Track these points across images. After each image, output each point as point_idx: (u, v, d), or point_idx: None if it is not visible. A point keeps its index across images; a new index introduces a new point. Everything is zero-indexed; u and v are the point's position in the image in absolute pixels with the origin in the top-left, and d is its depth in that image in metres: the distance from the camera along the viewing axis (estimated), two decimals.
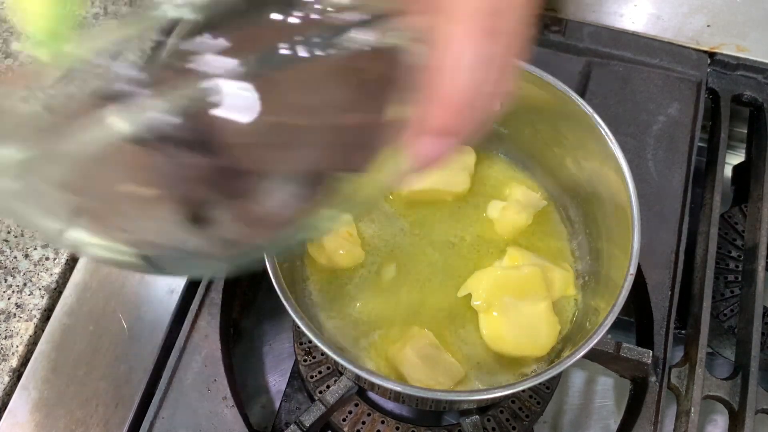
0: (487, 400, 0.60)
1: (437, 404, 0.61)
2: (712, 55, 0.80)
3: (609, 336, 0.71)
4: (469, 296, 0.61)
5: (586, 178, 0.63)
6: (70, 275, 0.67)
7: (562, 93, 0.59)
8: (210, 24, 0.35)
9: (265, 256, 0.53)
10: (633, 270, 0.54)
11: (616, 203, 0.58)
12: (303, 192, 0.37)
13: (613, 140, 0.57)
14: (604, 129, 0.58)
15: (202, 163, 0.35)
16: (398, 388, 0.51)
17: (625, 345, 0.64)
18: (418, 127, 0.34)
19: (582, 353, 0.52)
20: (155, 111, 0.34)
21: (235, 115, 0.34)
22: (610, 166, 0.58)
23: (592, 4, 0.82)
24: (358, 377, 0.56)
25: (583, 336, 0.57)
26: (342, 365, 0.52)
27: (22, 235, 0.68)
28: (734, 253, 0.74)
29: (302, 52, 0.34)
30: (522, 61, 0.37)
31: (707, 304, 0.67)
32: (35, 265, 0.67)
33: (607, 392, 0.74)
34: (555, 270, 0.62)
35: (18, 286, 0.66)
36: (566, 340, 0.61)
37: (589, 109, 0.58)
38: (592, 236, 0.64)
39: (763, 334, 0.69)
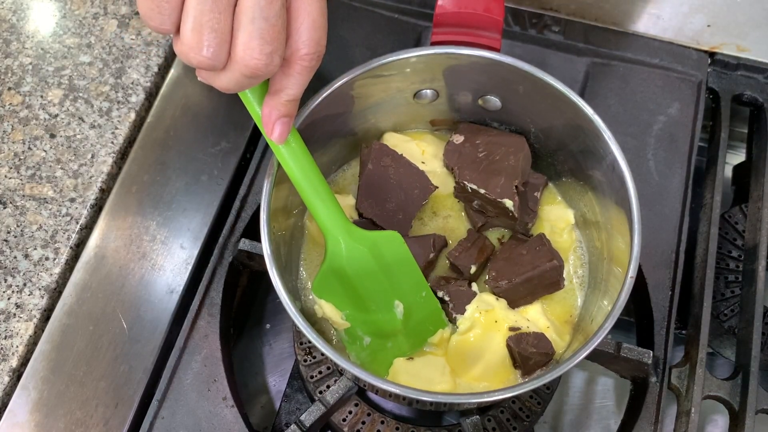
0: (488, 402, 0.60)
1: (437, 405, 0.61)
2: (712, 54, 0.80)
3: (609, 336, 0.71)
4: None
5: (586, 178, 0.63)
6: (70, 275, 0.67)
7: (562, 93, 0.59)
8: None
9: (266, 257, 0.54)
10: (633, 273, 0.54)
11: (617, 204, 0.58)
12: None
13: (614, 141, 0.57)
14: (604, 129, 0.58)
15: None
16: (397, 391, 0.51)
17: (625, 345, 0.64)
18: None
19: (582, 356, 0.52)
20: None
21: None
22: (611, 166, 0.58)
23: (592, 4, 0.82)
24: (357, 378, 0.56)
25: (586, 335, 0.57)
26: (341, 367, 0.52)
27: (22, 235, 0.68)
28: (734, 253, 0.74)
29: None
30: None
31: (707, 304, 0.67)
32: (35, 265, 0.67)
33: (608, 392, 0.74)
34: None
35: (18, 286, 0.66)
36: (575, 333, 0.61)
37: (589, 110, 0.58)
38: (592, 236, 0.64)
39: (763, 334, 0.69)
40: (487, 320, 0.60)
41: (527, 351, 0.57)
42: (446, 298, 0.61)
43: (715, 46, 0.80)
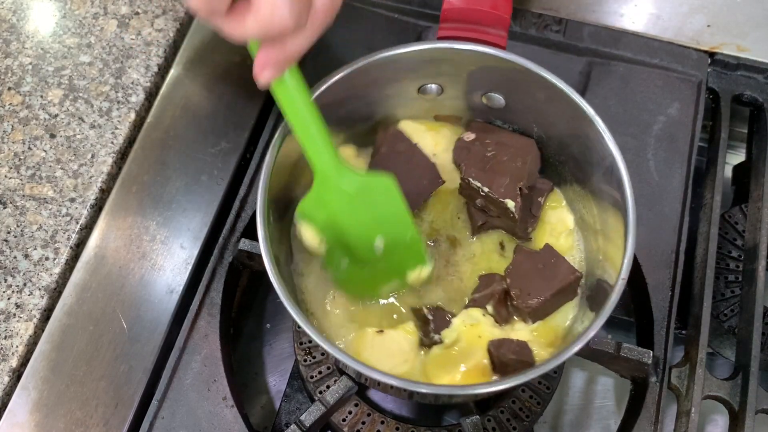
0: (483, 394, 0.59)
1: (437, 398, 0.61)
2: (712, 55, 0.80)
3: (609, 336, 0.71)
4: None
5: (586, 180, 0.63)
6: (70, 275, 0.67)
7: (563, 91, 0.59)
8: None
9: (264, 256, 0.54)
10: (625, 275, 0.54)
11: (615, 207, 0.58)
12: None
13: (613, 141, 0.57)
14: (603, 130, 0.58)
15: None
16: (398, 383, 0.51)
17: (625, 345, 0.64)
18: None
19: (564, 358, 0.52)
20: None
21: None
22: (609, 168, 0.58)
23: (592, 3, 0.82)
24: (359, 374, 0.56)
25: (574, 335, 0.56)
26: (343, 362, 0.52)
27: (22, 235, 0.68)
28: (734, 253, 0.74)
29: None
30: None
31: (707, 304, 0.67)
32: (35, 265, 0.67)
33: (608, 392, 0.74)
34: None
35: (18, 286, 0.66)
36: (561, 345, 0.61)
37: (590, 110, 0.58)
38: (590, 239, 0.64)
39: (763, 334, 0.69)
40: (471, 335, 0.59)
41: (506, 357, 0.57)
42: (429, 317, 0.61)
43: (715, 46, 0.80)
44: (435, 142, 0.67)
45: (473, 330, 0.60)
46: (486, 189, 0.61)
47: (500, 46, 0.61)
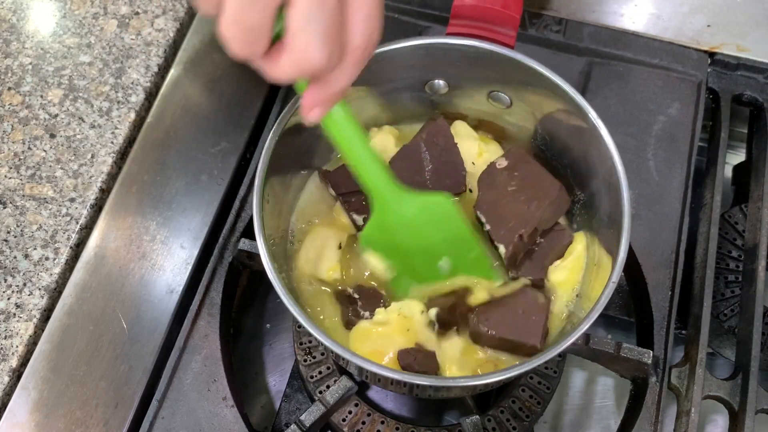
0: (480, 386, 0.58)
1: (436, 390, 0.60)
2: (712, 55, 0.80)
3: (609, 336, 0.72)
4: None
5: (583, 177, 0.63)
6: (70, 275, 0.67)
7: (566, 92, 0.59)
8: None
9: (263, 258, 0.54)
10: (616, 278, 0.53)
11: (611, 204, 0.58)
12: None
13: (611, 142, 0.57)
14: (602, 129, 0.57)
15: None
16: (397, 377, 0.51)
17: (625, 345, 0.64)
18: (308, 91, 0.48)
19: (546, 358, 0.51)
20: None
21: None
22: (608, 171, 0.58)
23: (592, 3, 0.82)
24: (360, 370, 0.56)
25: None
26: (344, 358, 0.52)
27: (22, 235, 0.68)
28: (734, 253, 0.74)
29: None
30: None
31: (707, 304, 0.67)
32: (35, 265, 0.67)
33: (608, 392, 0.74)
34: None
35: (18, 286, 0.66)
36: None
37: (592, 113, 0.58)
38: (586, 236, 0.64)
39: (763, 334, 0.69)
40: (401, 325, 0.59)
41: (412, 369, 0.57)
42: (355, 295, 0.61)
43: (715, 46, 0.80)
44: (479, 153, 0.66)
45: (404, 322, 0.59)
46: (488, 227, 0.61)
47: (509, 45, 0.61)
